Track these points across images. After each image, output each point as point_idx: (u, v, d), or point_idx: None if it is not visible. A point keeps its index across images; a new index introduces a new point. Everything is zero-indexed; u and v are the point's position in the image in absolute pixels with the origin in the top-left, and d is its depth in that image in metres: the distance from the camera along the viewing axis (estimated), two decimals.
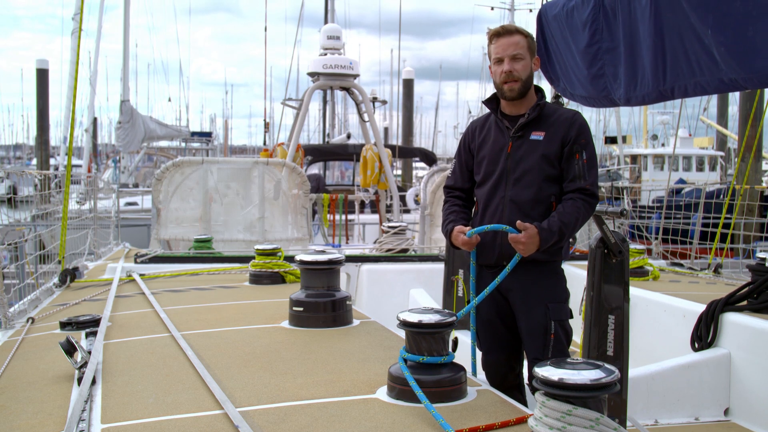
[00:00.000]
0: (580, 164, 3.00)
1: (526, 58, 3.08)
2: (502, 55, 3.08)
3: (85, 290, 4.90)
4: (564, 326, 3.03)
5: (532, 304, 3.04)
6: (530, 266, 3.00)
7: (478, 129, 3.27)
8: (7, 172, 10.98)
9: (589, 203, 3.00)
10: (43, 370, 2.87)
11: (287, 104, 14.60)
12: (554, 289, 3.07)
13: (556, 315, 3.01)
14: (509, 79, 3.06)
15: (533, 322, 3.03)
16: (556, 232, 2.92)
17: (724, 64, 3.21)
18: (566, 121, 3.06)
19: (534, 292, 3.04)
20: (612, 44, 4.01)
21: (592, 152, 3.05)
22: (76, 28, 15.96)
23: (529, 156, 3.04)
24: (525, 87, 3.09)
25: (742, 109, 15.29)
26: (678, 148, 24.97)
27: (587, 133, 3.07)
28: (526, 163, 3.04)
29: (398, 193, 11.30)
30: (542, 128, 3.06)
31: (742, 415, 3.78)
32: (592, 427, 1.76)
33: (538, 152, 3.03)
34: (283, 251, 5.10)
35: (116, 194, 10.58)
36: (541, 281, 3.04)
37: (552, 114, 3.10)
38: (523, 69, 3.07)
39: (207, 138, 37.67)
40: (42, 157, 28.97)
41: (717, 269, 6.30)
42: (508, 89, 3.08)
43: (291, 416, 2.21)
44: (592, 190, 3.00)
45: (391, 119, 40.29)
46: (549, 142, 3.03)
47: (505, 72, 3.06)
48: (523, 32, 3.12)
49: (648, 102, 3.94)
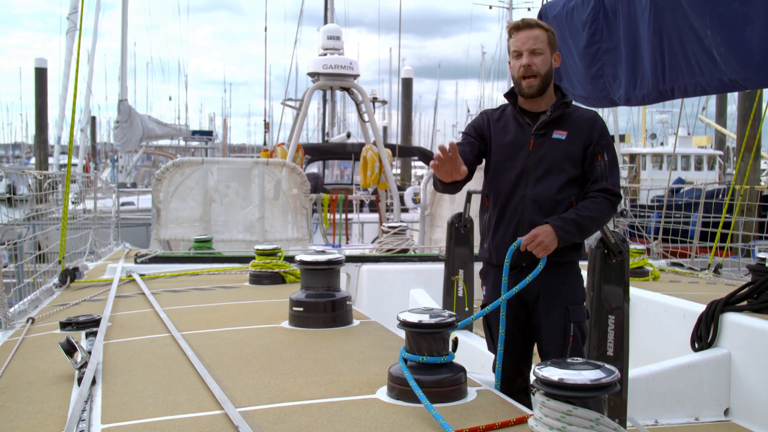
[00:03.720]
0: (602, 165, 2.96)
1: (546, 53, 3.01)
2: (520, 49, 3.00)
3: (85, 290, 4.90)
4: (582, 328, 2.99)
5: (551, 306, 2.99)
6: (548, 267, 2.93)
7: (493, 119, 3.14)
8: (7, 172, 10.95)
9: (612, 201, 2.95)
10: (43, 370, 2.87)
11: (287, 104, 14.59)
12: (573, 290, 3.02)
13: (575, 317, 2.96)
14: (528, 74, 2.99)
15: (552, 324, 2.98)
16: (572, 222, 2.86)
17: (724, 64, 3.22)
18: (588, 121, 3.02)
19: (553, 294, 2.99)
20: (611, 44, 4.01)
21: (613, 154, 3.01)
22: (71, 28, 15.92)
23: (551, 155, 2.98)
24: (544, 83, 3.02)
25: (740, 109, 15.29)
26: (677, 147, 24.98)
27: (608, 135, 3.05)
28: (548, 161, 2.98)
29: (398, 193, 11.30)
30: (564, 127, 3.00)
31: (742, 415, 3.79)
32: (592, 427, 1.76)
33: (561, 151, 2.97)
34: (283, 251, 5.10)
35: (116, 194, 10.57)
36: (560, 282, 2.99)
37: (573, 113, 3.05)
38: (543, 64, 2.99)
39: (208, 137, 37.66)
40: (40, 156, 28.99)
41: (717, 269, 6.30)
42: (526, 85, 3.00)
43: (291, 416, 2.21)
44: (615, 190, 2.97)
45: (390, 118, 40.30)
46: (571, 142, 2.98)
47: (523, 66, 2.98)
48: (544, 26, 3.05)
49: (648, 102, 3.95)
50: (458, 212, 4.71)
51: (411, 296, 5.87)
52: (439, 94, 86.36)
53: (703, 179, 21.66)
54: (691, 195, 12.20)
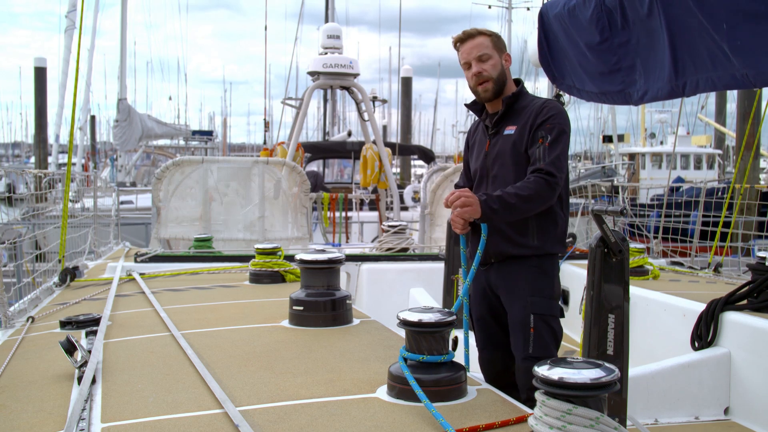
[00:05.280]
0: (542, 147, 2.94)
1: (494, 57, 3.07)
2: (468, 59, 3.09)
3: (85, 289, 4.89)
4: (547, 322, 2.99)
5: (511, 298, 3.06)
6: (512, 261, 3.04)
7: (473, 130, 3.31)
8: (7, 171, 10.94)
9: (546, 180, 2.90)
10: (43, 369, 2.87)
11: (287, 103, 14.59)
12: (536, 283, 3.03)
13: (536, 309, 2.98)
14: (481, 80, 3.07)
15: (513, 316, 3.04)
16: (497, 198, 2.84)
17: (736, 59, 3.21)
18: (536, 109, 3.02)
19: (513, 287, 3.05)
20: (624, 38, 3.98)
21: (557, 136, 2.96)
22: (70, 26, 15.91)
23: (503, 152, 3.06)
24: (498, 85, 3.08)
25: (740, 107, 15.29)
26: (676, 146, 24.96)
27: (556, 118, 2.98)
28: (501, 158, 3.06)
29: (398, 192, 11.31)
30: (514, 122, 3.05)
31: (742, 414, 3.79)
32: (592, 426, 1.76)
33: (510, 146, 3.03)
34: (283, 250, 5.10)
35: (116, 193, 10.57)
36: (523, 276, 3.04)
37: (526, 106, 3.07)
38: (493, 68, 3.07)
39: (208, 137, 37.63)
40: (40, 156, 28.99)
41: (717, 268, 6.30)
42: (482, 90, 3.09)
43: (291, 415, 2.21)
44: (548, 169, 2.91)
45: (389, 117, 40.30)
46: (520, 134, 3.02)
47: (474, 75, 3.07)
48: (486, 32, 3.12)
49: (659, 98, 3.91)
50: None
51: (411, 295, 5.87)
52: (439, 93, 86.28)
53: (702, 178, 21.65)
54: (691, 193, 12.19)
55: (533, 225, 3.03)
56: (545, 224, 3.05)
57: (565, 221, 3.15)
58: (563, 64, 4.69)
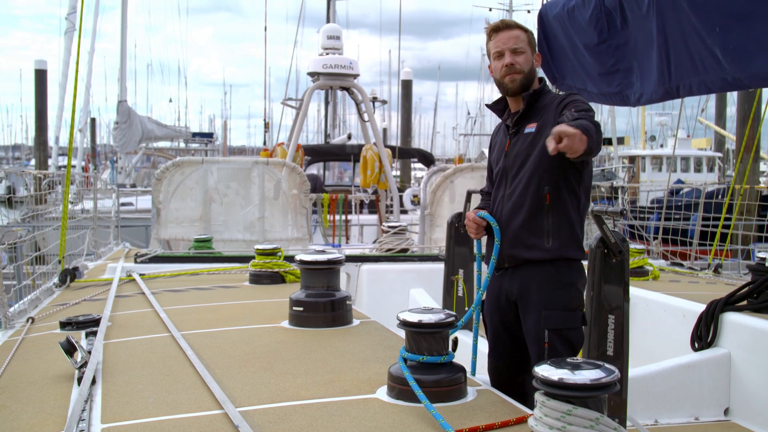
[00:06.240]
0: (568, 114, 2.73)
1: (527, 52, 3.00)
2: (502, 49, 2.98)
3: (85, 290, 4.89)
4: (563, 335, 2.89)
5: (526, 310, 2.97)
6: (526, 267, 2.94)
7: (495, 132, 3.24)
8: (7, 173, 10.97)
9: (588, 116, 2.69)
10: (43, 369, 2.87)
11: (287, 104, 14.60)
12: (551, 295, 2.91)
13: (550, 323, 2.88)
14: (512, 72, 2.96)
15: (528, 329, 2.96)
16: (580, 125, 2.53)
17: (727, 63, 3.21)
18: (556, 104, 2.93)
19: (527, 298, 2.96)
20: (622, 39, 3.99)
21: (585, 110, 2.77)
22: (70, 28, 15.92)
23: (523, 151, 2.97)
24: (527, 80, 2.98)
25: (740, 110, 15.29)
26: (676, 149, 24.97)
27: (579, 104, 2.84)
28: (521, 158, 2.98)
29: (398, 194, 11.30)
30: (535, 119, 2.97)
31: (742, 415, 3.78)
32: (592, 426, 1.76)
33: (532, 144, 2.94)
34: (283, 251, 5.10)
35: (116, 194, 10.56)
36: (537, 286, 2.94)
37: (547, 103, 2.98)
38: (525, 62, 2.98)
39: (208, 139, 37.59)
40: (40, 158, 28.95)
41: (717, 269, 6.30)
42: (509, 81, 2.97)
43: (291, 416, 2.21)
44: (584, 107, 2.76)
45: (389, 120, 40.29)
46: (541, 131, 2.90)
47: (506, 65, 2.96)
48: (523, 27, 3.04)
49: (654, 100, 3.93)
50: (458, 212, 4.70)
51: (411, 296, 5.87)
52: (439, 96, 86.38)
53: (702, 181, 21.64)
54: (691, 195, 12.20)
55: (547, 225, 2.93)
56: (559, 224, 2.93)
57: (580, 224, 3.01)
58: (563, 65, 4.70)
